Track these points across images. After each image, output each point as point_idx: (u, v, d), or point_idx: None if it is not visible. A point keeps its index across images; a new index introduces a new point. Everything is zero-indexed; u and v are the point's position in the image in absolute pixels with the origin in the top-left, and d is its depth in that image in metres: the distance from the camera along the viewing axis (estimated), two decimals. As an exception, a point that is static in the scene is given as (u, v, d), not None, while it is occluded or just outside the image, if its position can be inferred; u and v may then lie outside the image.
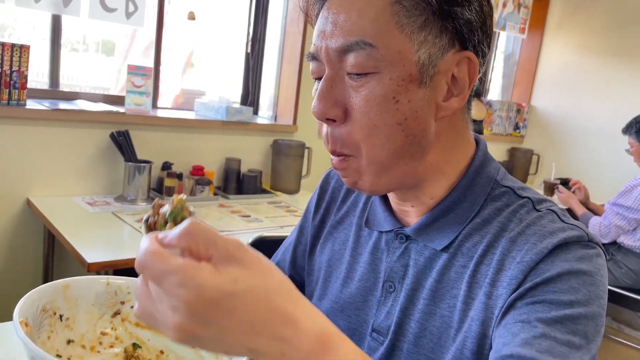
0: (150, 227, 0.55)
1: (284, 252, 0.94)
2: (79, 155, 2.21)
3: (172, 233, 0.40)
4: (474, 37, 0.61)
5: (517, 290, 0.58)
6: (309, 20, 0.67)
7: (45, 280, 2.18)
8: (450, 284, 0.66)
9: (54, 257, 2.17)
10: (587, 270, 0.58)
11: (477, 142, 0.71)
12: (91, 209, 2.05)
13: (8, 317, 0.68)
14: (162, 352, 0.71)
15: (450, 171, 0.67)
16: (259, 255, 0.41)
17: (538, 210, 0.64)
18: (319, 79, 0.64)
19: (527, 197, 0.66)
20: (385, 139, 0.60)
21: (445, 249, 0.67)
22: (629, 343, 3.21)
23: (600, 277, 0.59)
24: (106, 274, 1.60)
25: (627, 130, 2.93)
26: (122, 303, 0.70)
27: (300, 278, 0.89)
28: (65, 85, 2.42)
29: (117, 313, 0.70)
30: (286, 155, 2.69)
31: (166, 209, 0.55)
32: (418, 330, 0.67)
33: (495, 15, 3.67)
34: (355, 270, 0.77)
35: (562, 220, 0.63)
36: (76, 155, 2.20)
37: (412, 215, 0.71)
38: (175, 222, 0.54)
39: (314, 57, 0.64)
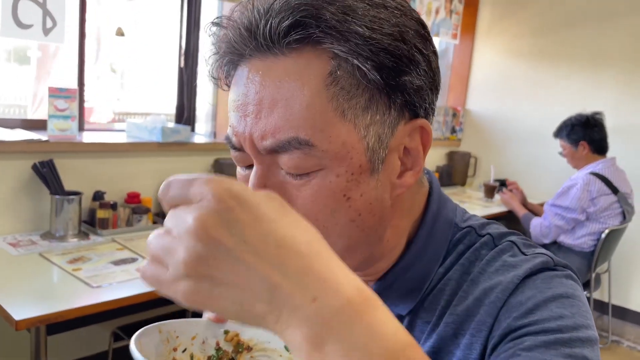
0: None
1: None
2: (-3, 190, 1.98)
3: None
4: (425, 102, 0.53)
5: (492, 335, 0.52)
6: (218, 85, 0.55)
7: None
8: None
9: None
10: (563, 293, 0.52)
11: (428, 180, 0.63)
12: (14, 251, 1.83)
13: None
14: None
15: (407, 226, 0.60)
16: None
17: (497, 245, 0.59)
18: (248, 166, 0.54)
19: (487, 234, 0.60)
20: (338, 238, 0.52)
21: (409, 312, 0.60)
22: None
23: (579, 299, 0.53)
24: (37, 331, 1.41)
25: (558, 133, 3.03)
26: (175, 350, 0.64)
27: None
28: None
29: None
30: (229, 175, 2.55)
31: None
32: None
33: (429, 22, 3.70)
34: None
35: (523, 253, 0.57)
36: (-7, 190, 1.97)
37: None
38: None
39: (235, 147, 0.53)
